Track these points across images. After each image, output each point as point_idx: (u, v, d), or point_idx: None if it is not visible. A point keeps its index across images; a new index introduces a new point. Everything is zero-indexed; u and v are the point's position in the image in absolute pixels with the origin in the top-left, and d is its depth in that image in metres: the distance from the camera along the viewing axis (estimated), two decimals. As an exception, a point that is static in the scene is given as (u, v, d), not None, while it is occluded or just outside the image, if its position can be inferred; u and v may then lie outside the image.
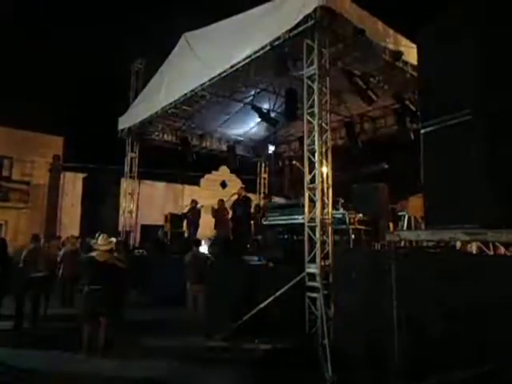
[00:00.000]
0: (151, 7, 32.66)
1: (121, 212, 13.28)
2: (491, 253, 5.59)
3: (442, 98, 3.96)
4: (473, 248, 6.77)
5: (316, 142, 6.20)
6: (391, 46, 7.53)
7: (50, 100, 22.72)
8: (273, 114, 10.34)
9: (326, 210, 6.11)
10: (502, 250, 5.68)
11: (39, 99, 22.04)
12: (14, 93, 21.20)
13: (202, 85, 9.23)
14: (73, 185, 16.87)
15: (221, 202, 11.86)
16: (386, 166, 12.03)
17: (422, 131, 4.09)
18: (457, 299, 3.72)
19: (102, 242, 6.26)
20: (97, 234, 6.77)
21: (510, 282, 3.45)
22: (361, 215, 8.14)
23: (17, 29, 24.02)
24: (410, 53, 7.44)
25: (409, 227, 7.94)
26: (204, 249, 8.74)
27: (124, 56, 15.30)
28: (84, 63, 23.89)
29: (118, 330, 6.24)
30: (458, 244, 6.68)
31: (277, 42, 7.03)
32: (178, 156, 13.71)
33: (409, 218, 8.10)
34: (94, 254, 6.20)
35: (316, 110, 6.27)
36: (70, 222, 15.25)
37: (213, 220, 12.23)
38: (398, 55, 7.51)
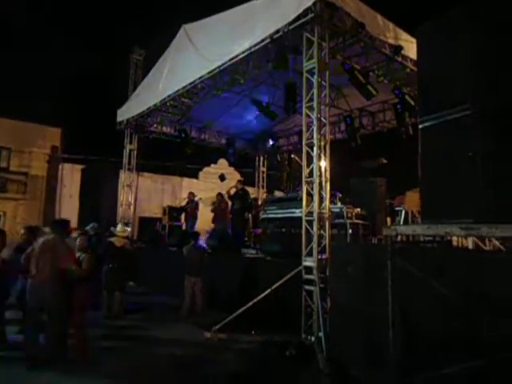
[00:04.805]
0: (151, -2, 32.37)
1: (119, 204, 13.28)
2: (487, 248, 5.64)
3: (440, 93, 3.96)
4: (469, 243, 6.84)
5: (315, 136, 6.20)
6: (391, 41, 7.50)
7: (49, 91, 22.62)
8: (272, 108, 10.31)
9: (323, 204, 6.13)
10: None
11: (37, 90, 21.93)
12: (11, 83, 21.08)
13: (200, 77, 9.19)
14: (71, 176, 16.84)
15: (219, 195, 11.94)
16: (385, 161, 12.06)
17: (420, 126, 4.09)
18: (452, 294, 3.75)
19: (120, 230, 7.79)
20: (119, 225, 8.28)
21: (501, 278, 3.48)
22: (358, 209, 8.18)
23: (15, 18, 23.79)
24: (410, 47, 7.43)
25: (406, 222, 7.98)
26: (202, 241, 8.78)
27: (123, 47, 15.21)
28: (83, 53, 23.71)
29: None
30: (455, 239, 6.73)
31: (276, 35, 6.99)
32: (176, 148, 13.70)
33: (406, 213, 8.15)
34: (113, 239, 7.59)
35: (315, 103, 6.25)
36: (68, 214, 15.24)
37: (211, 213, 12.28)
38: (397, 49, 7.49)
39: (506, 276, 3.49)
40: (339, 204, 8.25)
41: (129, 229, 8.15)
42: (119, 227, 7.81)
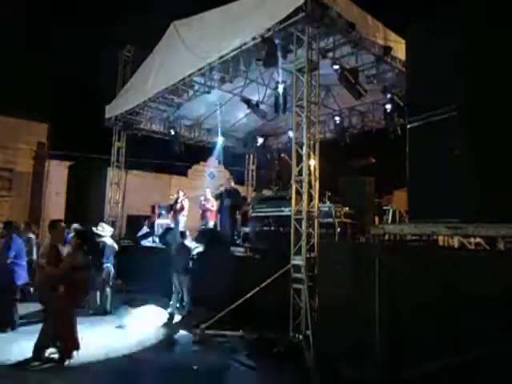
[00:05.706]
0: (140, -6, 31.97)
1: (106, 202, 13.13)
2: (472, 247, 5.73)
3: (428, 93, 4.01)
4: (454, 242, 6.92)
5: (304, 135, 6.22)
6: (380, 41, 7.56)
7: (36, 85, 22.19)
8: (262, 106, 10.30)
9: (312, 203, 6.15)
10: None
11: (23, 84, 21.51)
12: (-3, 77, 20.62)
13: (190, 75, 9.14)
14: (58, 173, 16.58)
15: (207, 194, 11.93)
16: (374, 161, 12.13)
17: (408, 126, 4.15)
18: (437, 292, 3.81)
19: (108, 229, 7.94)
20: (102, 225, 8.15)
21: (482, 276, 3.54)
22: (347, 208, 8.22)
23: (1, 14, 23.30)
24: (399, 48, 7.49)
25: (393, 221, 8.06)
26: (190, 239, 8.75)
27: (112, 43, 15.02)
28: (71, 48, 23.34)
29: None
30: (441, 238, 6.82)
31: (267, 34, 6.97)
32: (165, 146, 13.58)
33: (394, 212, 8.22)
34: (104, 239, 7.64)
35: (305, 102, 6.27)
36: (55, 211, 15.02)
37: (199, 211, 12.25)
38: (386, 50, 7.55)
39: (490, 275, 3.55)
40: (328, 203, 8.28)
41: (112, 229, 8.30)
42: (105, 226, 7.89)
